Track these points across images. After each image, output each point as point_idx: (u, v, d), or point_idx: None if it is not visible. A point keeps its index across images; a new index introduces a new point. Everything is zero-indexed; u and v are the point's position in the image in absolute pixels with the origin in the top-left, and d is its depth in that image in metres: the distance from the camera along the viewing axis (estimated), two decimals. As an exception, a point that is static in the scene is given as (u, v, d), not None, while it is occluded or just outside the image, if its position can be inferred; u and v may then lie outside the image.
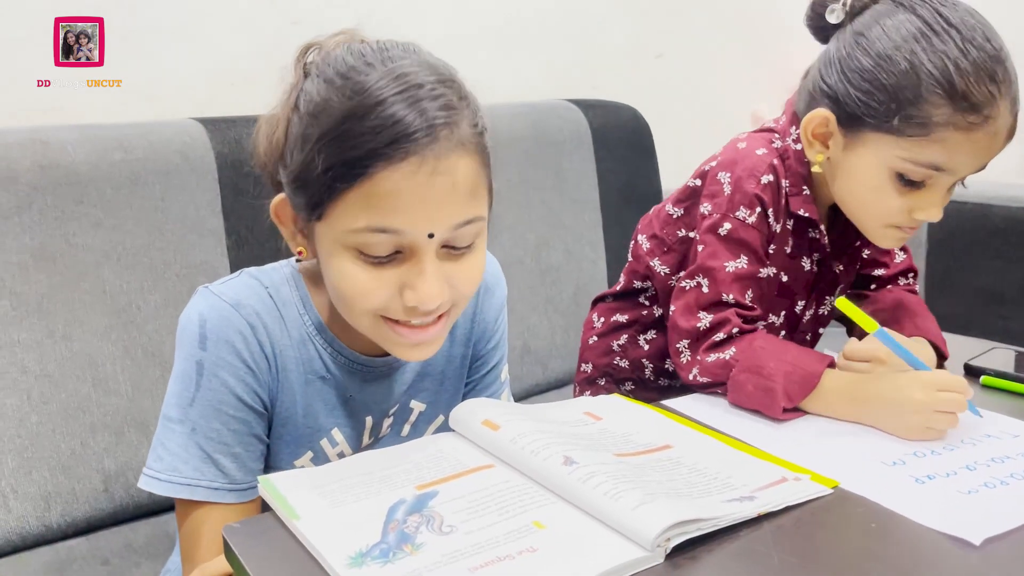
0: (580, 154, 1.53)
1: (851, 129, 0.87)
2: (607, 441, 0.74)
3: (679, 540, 0.58)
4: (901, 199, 0.86)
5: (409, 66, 0.67)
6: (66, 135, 1.06)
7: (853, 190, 0.89)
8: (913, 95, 0.81)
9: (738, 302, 0.91)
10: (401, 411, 0.85)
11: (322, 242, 0.71)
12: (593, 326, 1.12)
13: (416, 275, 0.68)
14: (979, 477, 0.70)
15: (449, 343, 0.86)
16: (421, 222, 0.66)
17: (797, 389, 0.82)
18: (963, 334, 1.01)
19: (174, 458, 0.73)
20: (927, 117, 0.81)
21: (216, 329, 0.73)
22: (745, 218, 0.91)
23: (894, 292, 1.05)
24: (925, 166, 0.83)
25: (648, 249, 1.04)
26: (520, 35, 1.71)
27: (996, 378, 0.92)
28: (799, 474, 0.69)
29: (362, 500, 0.64)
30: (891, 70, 0.82)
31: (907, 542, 0.61)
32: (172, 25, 1.30)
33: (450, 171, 0.66)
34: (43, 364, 1.01)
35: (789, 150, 0.94)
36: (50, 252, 1.02)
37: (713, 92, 2.06)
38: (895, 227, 0.88)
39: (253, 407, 0.75)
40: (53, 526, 1.01)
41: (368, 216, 0.66)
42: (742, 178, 0.92)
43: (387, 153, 0.64)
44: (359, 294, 0.69)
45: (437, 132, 0.65)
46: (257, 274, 0.78)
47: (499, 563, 0.56)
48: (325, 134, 0.65)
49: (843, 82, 0.86)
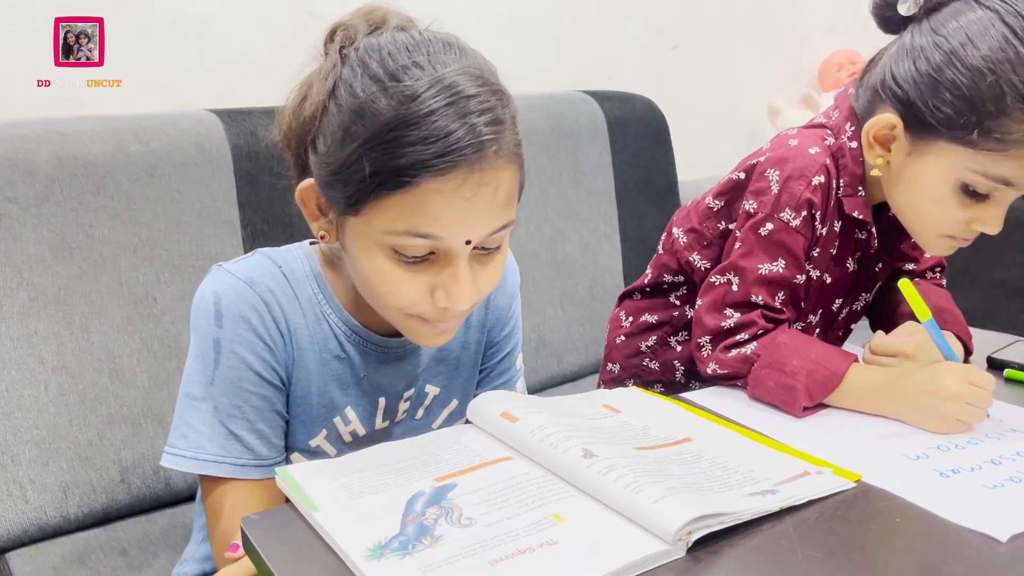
0: (596, 146, 1.53)
1: (920, 136, 0.82)
2: (626, 434, 0.73)
3: (701, 534, 0.57)
4: (963, 211, 0.83)
5: (457, 73, 0.66)
6: (83, 127, 1.06)
7: (914, 198, 0.86)
8: (996, 109, 0.77)
9: (767, 304, 0.89)
10: (417, 395, 0.86)
11: (354, 236, 0.71)
12: (620, 324, 1.10)
13: (450, 279, 0.69)
14: (1004, 471, 0.69)
15: (464, 329, 0.87)
16: (461, 231, 0.67)
17: (819, 388, 0.81)
18: (983, 328, 1.00)
19: (198, 436, 0.74)
20: (1007, 133, 0.77)
21: (231, 306, 0.73)
22: (789, 220, 0.88)
23: (922, 286, 1.03)
24: (996, 180, 0.80)
25: (686, 243, 1.01)
26: (536, 26, 1.70)
27: (1020, 371, 0.91)
28: (821, 468, 0.68)
29: (380, 492, 0.63)
30: (975, 81, 0.77)
31: (932, 537, 0.60)
32: (187, 17, 1.30)
33: (493, 183, 0.67)
34: (61, 356, 1.02)
35: (844, 148, 0.89)
36: (68, 244, 1.02)
37: (729, 84, 2.05)
38: (950, 237, 0.86)
39: (272, 383, 0.75)
40: (71, 517, 1.02)
41: (408, 221, 0.66)
42: (792, 178, 0.88)
43: (435, 164, 0.64)
44: (391, 292, 0.70)
45: (485, 147, 0.65)
46: (270, 254, 0.79)
47: (519, 556, 0.55)
48: (372, 138, 0.65)
49: (918, 87, 0.81)
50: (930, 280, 1.06)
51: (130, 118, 1.10)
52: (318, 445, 0.81)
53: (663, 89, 1.75)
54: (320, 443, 0.81)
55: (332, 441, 0.81)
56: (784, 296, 0.90)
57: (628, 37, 1.86)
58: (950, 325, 0.95)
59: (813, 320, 0.98)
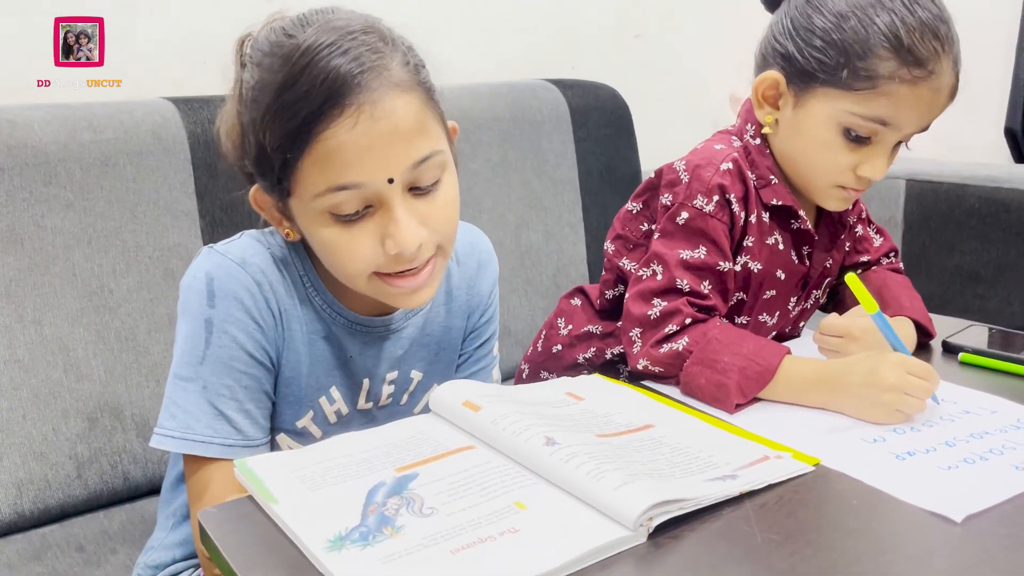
0: (559, 134, 1.52)
1: (801, 87, 0.88)
2: (589, 421, 0.73)
3: (662, 519, 0.57)
4: (848, 155, 0.87)
5: (326, 24, 0.68)
6: (33, 115, 1.03)
7: (802, 146, 0.90)
8: (862, 49, 0.83)
9: (692, 290, 0.88)
10: (401, 380, 0.86)
11: (300, 217, 0.73)
12: (559, 332, 1.07)
13: (391, 224, 0.70)
14: (958, 453, 0.71)
15: (447, 314, 0.88)
16: (375, 170, 0.68)
17: (752, 384, 0.81)
18: (940, 313, 1.02)
19: (187, 415, 0.74)
20: (874, 70, 0.83)
21: (224, 286, 0.74)
22: (703, 207, 0.89)
23: (879, 272, 1.05)
24: (872, 120, 0.85)
25: (615, 251, 1.02)
26: (498, 14, 1.69)
27: (974, 355, 0.93)
28: (781, 452, 0.69)
29: (341, 483, 0.63)
30: (842, 26, 0.84)
31: (889, 518, 0.61)
32: (159, 15, 1.28)
33: (388, 114, 0.67)
34: (13, 349, 0.99)
35: (749, 145, 0.94)
36: (18, 235, 1.00)
37: (692, 73, 2.06)
38: (840, 187, 0.90)
39: (262, 363, 0.76)
40: (26, 513, 1.00)
41: (326, 178, 0.68)
42: (700, 166, 0.91)
43: (323, 112, 0.65)
44: (345, 256, 0.71)
45: (365, 79, 0.66)
46: (259, 236, 0.80)
47: (481, 544, 0.55)
48: (265, 113, 0.67)
49: (796, 41, 0.87)
50: (886, 266, 1.08)
51: (82, 106, 1.08)
52: (304, 426, 0.81)
53: (626, 78, 1.75)
54: (307, 424, 0.81)
55: (319, 423, 0.82)
56: (710, 284, 0.90)
57: (591, 26, 1.85)
58: (908, 311, 0.96)
59: (769, 321, 0.99)
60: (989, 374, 0.90)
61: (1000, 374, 0.90)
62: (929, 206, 1.61)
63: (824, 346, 0.89)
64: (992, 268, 1.53)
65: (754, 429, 0.74)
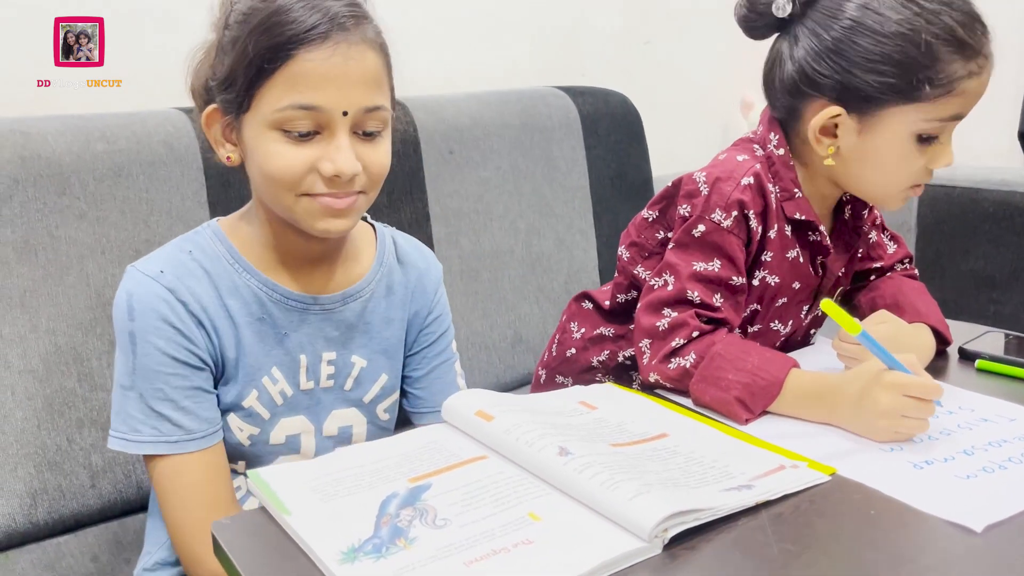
0: (569, 141, 1.52)
1: (866, 112, 0.86)
2: (602, 431, 0.73)
3: (677, 530, 0.57)
4: (921, 157, 0.87)
5: None
6: (47, 126, 1.04)
7: (880, 167, 0.89)
8: (929, 60, 0.82)
9: (703, 301, 0.87)
10: (341, 363, 0.90)
11: (249, 132, 0.79)
12: (572, 337, 1.07)
13: (332, 148, 0.78)
14: (977, 462, 0.70)
15: (387, 304, 0.93)
16: (337, 99, 0.76)
17: (758, 400, 0.80)
18: (954, 318, 1.01)
19: (133, 420, 0.81)
20: (947, 76, 0.83)
21: (140, 300, 0.81)
22: (720, 221, 0.88)
23: (895, 279, 1.04)
24: (947, 120, 0.85)
25: (629, 257, 1.02)
26: (508, 21, 1.69)
27: (991, 362, 0.92)
28: (796, 461, 0.69)
29: (354, 494, 0.63)
30: (897, 44, 0.83)
31: (907, 529, 0.61)
32: (159, 15, 1.28)
33: (360, 58, 0.77)
34: (27, 359, 1.00)
35: (773, 156, 0.92)
36: (32, 245, 1.00)
37: (702, 79, 2.05)
38: (915, 186, 0.90)
39: (188, 363, 0.82)
40: (40, 523, 1.00)
41: (291, 95, 0.76)
42: (720, 179, 0.89)
43: (307, 37, 0.75)
44: (283, 169, 0.78)
45: (350, 24, 0.77)
46: (179, 241, 0.87)
47: (494, 556, 0.55)
48: (255, 28, 0.76)
49: (849, 72, 0.85)
50: (901, 272, 1.07)
51: (94, 117, 1.08)
52: (251, 405, 0.86)
53: (636, 84, 1.75)
54: (253, 404, 0.86)
55: (265, 404, 0.87)
56: (723, 298, 0.88)
57: (600, 32, 1.85)
58: (923, 316, 0.95)
59: (782, 330, 0.98)
60: (1007, 381, 0.89)
61: (1018, 381, 0.89)
62: (943, 211, 1.60)
63: (843, 353, 0.88)
64: (1007, 272, 1.52)
65: (769, 438, 0.74)
